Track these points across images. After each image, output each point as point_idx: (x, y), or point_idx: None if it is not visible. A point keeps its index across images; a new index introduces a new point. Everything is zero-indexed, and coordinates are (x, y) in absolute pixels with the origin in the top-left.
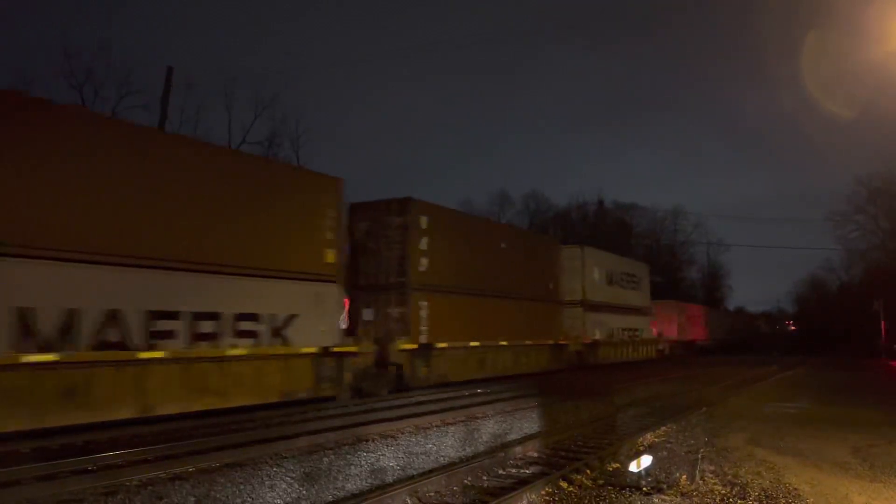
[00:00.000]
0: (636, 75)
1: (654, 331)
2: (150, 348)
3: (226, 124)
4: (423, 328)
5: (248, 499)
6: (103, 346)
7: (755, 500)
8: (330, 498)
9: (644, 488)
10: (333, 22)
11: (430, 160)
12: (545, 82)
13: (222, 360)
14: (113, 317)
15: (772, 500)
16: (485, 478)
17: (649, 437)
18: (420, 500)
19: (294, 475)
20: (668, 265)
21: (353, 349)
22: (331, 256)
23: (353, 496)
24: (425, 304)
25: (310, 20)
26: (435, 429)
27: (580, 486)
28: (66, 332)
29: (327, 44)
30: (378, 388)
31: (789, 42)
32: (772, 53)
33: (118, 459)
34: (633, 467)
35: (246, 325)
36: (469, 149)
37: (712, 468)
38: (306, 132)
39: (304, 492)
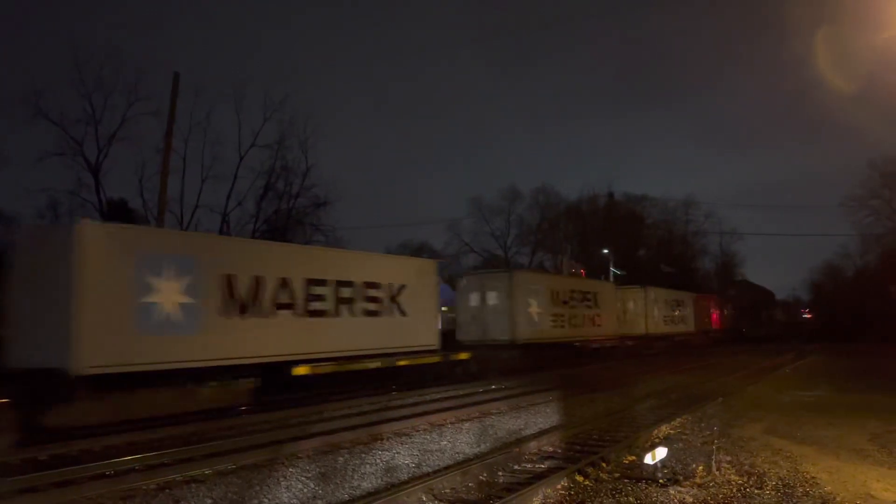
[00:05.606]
0: (642, 65)
1: None
2: None
3: (236, 127)
4: None
5: (265, 499)
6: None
7: (772, 490)
8: (346, 497)
9: (660, 480)
10: (337, 18)
11: (437, 155)
12: (550, 75)
13: None
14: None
15: (789, 489)
16: (500, 473)
17: (665, 429)
18: (436, 497)
19: (310, 475)
20: (682, 256)
21: None
22: None
23: (369, 494)
24: None
25: (314, 17)
26: (450, 425)
27: (596, 480)
28: None
29: (332, 39)
30: None
31: (796, 25)
32: (779, 36)
33: (135, 464)
34: (648, 459)
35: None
36: (477, 143)
37: (729, 458)
38: (314, 133)
39: (321, 491)
